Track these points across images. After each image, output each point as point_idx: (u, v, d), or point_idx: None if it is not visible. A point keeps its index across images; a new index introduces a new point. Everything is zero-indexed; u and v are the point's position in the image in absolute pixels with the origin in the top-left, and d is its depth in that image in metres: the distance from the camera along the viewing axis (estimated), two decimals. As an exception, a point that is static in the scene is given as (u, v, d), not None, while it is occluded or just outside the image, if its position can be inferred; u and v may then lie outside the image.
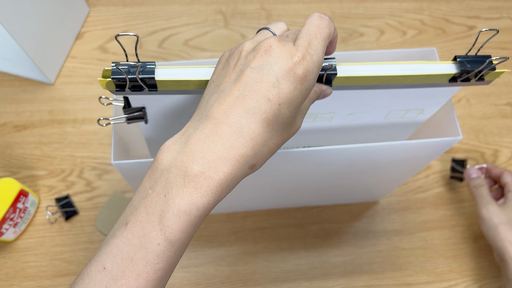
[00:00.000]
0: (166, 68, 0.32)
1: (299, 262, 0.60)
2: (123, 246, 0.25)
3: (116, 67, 0.30)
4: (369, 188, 0.57)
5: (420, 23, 0.78)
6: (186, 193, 0.25)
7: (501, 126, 0.70)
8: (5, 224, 0.55)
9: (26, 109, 0.67)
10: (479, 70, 0.34)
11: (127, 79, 0.31)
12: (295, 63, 0.26)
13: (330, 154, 0.41)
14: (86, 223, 0.60)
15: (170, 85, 0.32)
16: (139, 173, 0.41)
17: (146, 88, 0.32)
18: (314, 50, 0.27)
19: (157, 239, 0.24)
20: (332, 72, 0.32)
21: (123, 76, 0.30)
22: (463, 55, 0.34)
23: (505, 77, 0.74)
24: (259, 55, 0.26)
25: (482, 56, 0.34)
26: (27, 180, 0.62)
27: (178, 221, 0.25)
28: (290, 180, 0.49)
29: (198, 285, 0.58)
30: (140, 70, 0.31)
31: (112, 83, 0.31)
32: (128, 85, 0.31)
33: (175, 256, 0.25)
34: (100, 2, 0.76)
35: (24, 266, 0.58)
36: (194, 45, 0.74)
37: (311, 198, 0.60)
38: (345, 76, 0.33)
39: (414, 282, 0.59)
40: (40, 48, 0.64)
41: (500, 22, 0.79)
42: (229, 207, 0.61)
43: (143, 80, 0.31)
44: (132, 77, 0.31)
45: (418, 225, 0.62)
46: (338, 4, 0.78)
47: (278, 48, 0.26)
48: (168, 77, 0.32)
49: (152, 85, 0.32)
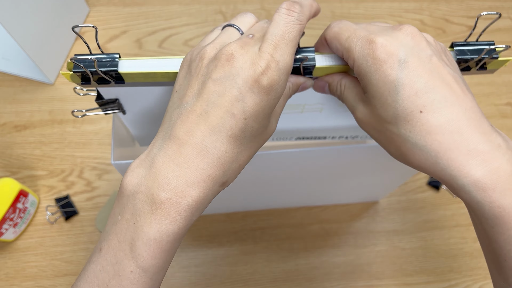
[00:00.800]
0: (130, 60, 0.31)
1: (299, 262, 0.60)
2: (98, 272, 0.25)
3: (73, 61, 0.29)
4: (368, 188, 0.57)
5: (420, 23, 0.78)
6: (154, 220, 0.24)
7: (501, 126, 0.70)
8: (5, 224, 0.55)
9: (26, 109, 0.67)
10: (480, 58, 0.31)
11: (88, 72, 0.30)
12: (259, 74, 0.24)
13: (324, 154, 0.40)
14: (86, 223, 0.60)
15: (137, 78, 0.31)
16: None
17: (112, 81, 0.31)
18: (280, 55, 0.25)
19: (129, 267, 0.24)
20: (309, 64, 0.30)
21: (83, 70, 0.29)
22: (461, 42, 0.31)
23: (505, 77, 0.74)
24: (220, 65, 0.25)
25: (482, 42, 0.31)
26: (27, 180, 0.62)
27: (148, 249, 0.24)
28: (286, 179, 0.49)
29: (198, 285, 0.58)
30: (102, 64, 0.30)
31: (76, 76, 0.30)
32: (93, 78, 0.31)
33: (151, 282, 0.25)
34: (100, 2, 0.76)
35: (24, 266, 0.58)
36: (194, 45, 0.73)
37: (310, 197, 0.60)
38: (326, 66, 0.30)
39: (414, 282, 0.59)
40: (40, 48, 0.64)
41: (500, 22, 0.79)
42: (229, 207, 0.61)
43: (107, 73, 0.30)
44: (93, 70, 0.30)
45: (418, 225, 0.63)
46: (338, 4, 0.79)
47: (241, 57, 0.25)
48: (133, 69, 0.30)
49: (118, 77, 0.31)
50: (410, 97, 0.25)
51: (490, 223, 0.24)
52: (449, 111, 0.25)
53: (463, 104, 0.25)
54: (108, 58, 0.30)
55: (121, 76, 0.31)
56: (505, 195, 0.23)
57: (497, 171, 0.24)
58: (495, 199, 0.24)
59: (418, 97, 0.25)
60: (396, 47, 0.25)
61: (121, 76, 0.31)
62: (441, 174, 0.25)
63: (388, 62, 0.25)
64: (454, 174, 0.24)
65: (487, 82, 0.73)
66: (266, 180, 0.48)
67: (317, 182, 0.51)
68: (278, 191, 0.54)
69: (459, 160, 0.24)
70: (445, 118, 0.25)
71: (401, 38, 0.26)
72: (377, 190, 0.59)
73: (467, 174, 0.24)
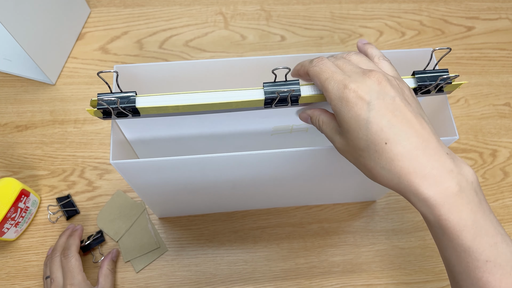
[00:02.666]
0: (146, 97, 0.36)
1: (298, 261, 0.60)
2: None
3: (99, 100, 0.35)
4: (366, 188, 0.57)
5: (419, 23, 0.78)
6: None
7: (499, 126, 0.70)
8: (7, 224, 0.56)
9: (28, 109, 0.67)
10: (436, 84, 0.37)
11: (111, 109, 0.35)
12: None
13: (319, 154, 0.41)
14: (87, 222, 0.61)
15: (151, 111, 0.37)
16: (138, 172, 0.41)
17: (130, 114, 0.37)
18: None
19: None
20: (295, 94, 0.36)
21: (107, 107, 0.35)
22: (421, 70, 0.37)
23: (504, 78, 0.74)
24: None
25: (438, 70, 0.37)
26: (29, 180, 0.63)
27: None
28: (282, 179, 0.49)
29: (198, 284, 0.58)
30: (121, 101, 0.35)
31: (99, 112, 0.36)
32: (113, 112, 0.36)
33: None
34: (101, 3, 0.77)
35: (26, 266, 0.58)
36: (195, 46, 0.74)
37: (307, 197, 0.60)
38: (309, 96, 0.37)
39: (412, 281, 0.60)
40: (42, 48, 0.64)
41: (498, 22, 0.79)
42: (229, 207, 0.61)
43: (126, 108, 0.35)
44: (115, 107, 0.35)
45: (417, 224, 0.63)
46: (337, 5, 0.79)
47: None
48: (148, 104, 0.36)
49: (135, 111, 0.36)
50: (377, 132, 0.31)
51: (440, 232, 0.31)
52: (409, 142, 0.30)
53: (420, 136, 0.31)
54: (127, 96, 0.36)
55: (137, 110, 0.36)
56: (451, 211, 0.29)
57: (445, 191, 0.30)
58: (443, 213, 0.30)
59: (383, 132, 0.31)
60: (365, 92, 0.31)
61: (137, 110, 0.36)
62: (403, 191, 0.31)
63: (358, 105, 0.31)
64: (413, 193, 0.30)
65: (486, 82, 0.73)
66: (265, 180, 0.48)
67: (315, 181, 0.52)
68: (275, 191, 0.55)
69: (416, 182, 0.30)
70: (405, 148, 0.30)
71: (369, 84, 0.32)
72: (373, 191, 0.59)
73: (422, 193, 0.30)
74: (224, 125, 0.44)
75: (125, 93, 0.36)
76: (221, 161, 0.40)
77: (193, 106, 0.36)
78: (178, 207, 0.58)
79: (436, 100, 0.45)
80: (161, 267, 0.59)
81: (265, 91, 0.36)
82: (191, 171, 0.42)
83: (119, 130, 0.43)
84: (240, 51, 0.74)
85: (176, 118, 0.40)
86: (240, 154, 0.39)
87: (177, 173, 0.43)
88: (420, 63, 0.44)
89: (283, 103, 0.37)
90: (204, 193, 0.51)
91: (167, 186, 0.46)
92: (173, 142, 0.47)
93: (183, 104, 0.36)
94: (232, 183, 0.48)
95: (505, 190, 0.66)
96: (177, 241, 0.61)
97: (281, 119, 0.43)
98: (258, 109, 0.38)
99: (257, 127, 0.45)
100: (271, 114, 0.42)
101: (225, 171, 0.43)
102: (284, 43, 0.75)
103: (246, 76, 0.45)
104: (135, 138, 0.45)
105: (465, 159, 0.67)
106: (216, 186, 0.48)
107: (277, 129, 0.46)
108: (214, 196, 0.54)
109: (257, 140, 0.48)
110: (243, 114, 0.41)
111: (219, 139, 0.47)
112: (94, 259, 0.58)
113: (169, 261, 0.59)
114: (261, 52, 0.74)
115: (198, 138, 0.46)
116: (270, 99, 0.37)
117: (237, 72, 0.45)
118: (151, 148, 0.48)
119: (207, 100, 0.36)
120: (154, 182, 0.44)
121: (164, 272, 0.59)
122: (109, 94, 0.36)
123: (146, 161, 0.38)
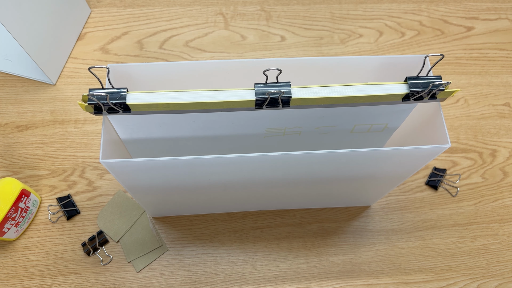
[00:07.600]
0: (137, 93, 0.36)
1: (298, 261, 0.60)
2: None
3: (89, 95, 0.35)
4: (360, 193, 0.57)
5: (418, 24, 0.78)
6: None
7: (499, 126, 0.70)
8: (7, 224, 0.56)
9: (28, 109, 0.68)
10: (429, 90, 0.37)
11: (101, 104, 0.36)
12: None
13: (316, 158, 0.41)
14: (88, 222, 0.61)
15: (141, 107, 0.37)
16: (128, 172, 0.41)
17: (120, 110, 0.37)
18: None
19: None
20: (286, 96, 0.36)
21: (97, 102, 0.36)
22: (413, 76, 0.37)
23: (503, 78, 0.74)
24: None
25: (431, 76, 0.37)
26: (29, 180, 0.63)
27: None
28: (280, 181, 0.49)
29: (198, 283, 0.59)
30: (112, 97, 0.36)
31: (90, 107, 0.36)
32: (104, 108, 0.36)
33: None
34: (101, 4, 0.77)
35: (26, 265, 0.58)
36: (195, 46, 0.74)
37: (302, 200, 0.60)
38: (300, 98, 0.37)
39: (412, 281, 0.60)
40: (42, 49, 0.65)
41: (498, 23, 0.79)
42: (224, 208, 0.61)
43: (116, 104, 0.36)
44: (105, 103, 0.36)
45: (417, 224, 0.63)
46: (337, 5, 0.79)
47: None
48: (139, 101, 0.36)
49: (126, 107, 0.36)
50: None
51: None
52: None
53: None
54: (117, 92, 0.36)
55: (128, 106, 0.36)
56: None
57: None
58: None
59: None
60: None
61: (128, 106, 0.36)
62: None
63: None
64: None
65: (486, 83, 0.74)
66: (256, 183, 0.48)
67: (308, 185, 0.51)
68: (268, 194, 0.54)
69: None
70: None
71: None
72: (367, 196, 0.59)
73: None
74: (216, 126, 0.44)
75: (116, 89, 0.36)
76: (211, 163, 0.40)
77: (183, 104, 0.37)
78: (172, 207, 0.58)
79: (429, 107, 0.44)
80: (161, 266, 0.59)
81: (256, 91, 0.36)
82: (181, 172, 0.42)
83: (113, 129, 0.43)
84: (240, 51, 0.74)
85: (169, 118, 0.41)
86: (230, 157, 0.38)
87: (167, 174, 0.43)
88: (414, 69, 0.44)
89: (274, 105, 0.37)
90: (196, 194, 0.51)
91: (158, 186, 0.46)
92: (167, 142, 0.47)
93: (173, 102, 0.36)
94: (224, 185, 0.48)
95: (504, 190, 0.66)
96: (177, 241, 0.61)
97: (273, 121, 0.44)
98: (250, 110, 0.38)
99: (250, 129, 0.45)
100: (263, 116, 0.42)
101: (215, 173, 0.43)
102: (284, 43, 0.76)
103: (246, 77, 0.45)
104: (128, 138, 0.45)
105: (464, 159, 0.67)
106: (207, 187, 0.48)
107: (270, 131, 0.46)
108: (207, 197, 0.53)
109: (249, 142, 0.48)
110: (235, 115, 0.41)
111: (211, 141, 0.47)
112: (103, 262, 0.58)
113: (169, 260, 0.60)
114: (261, 52, 0.74)
115: (191, 139, 0.46)
116: (261, 100, 0.37)
117: (237, 73, 0.45)
118: (145, 149, 0.48)
119: (197, 99, 0.37)
120: (145, 182, 0.44)
121: (164, 271, 0.59)
122: (100, 89, 0.36)
123: (136, 161, 0.38)
